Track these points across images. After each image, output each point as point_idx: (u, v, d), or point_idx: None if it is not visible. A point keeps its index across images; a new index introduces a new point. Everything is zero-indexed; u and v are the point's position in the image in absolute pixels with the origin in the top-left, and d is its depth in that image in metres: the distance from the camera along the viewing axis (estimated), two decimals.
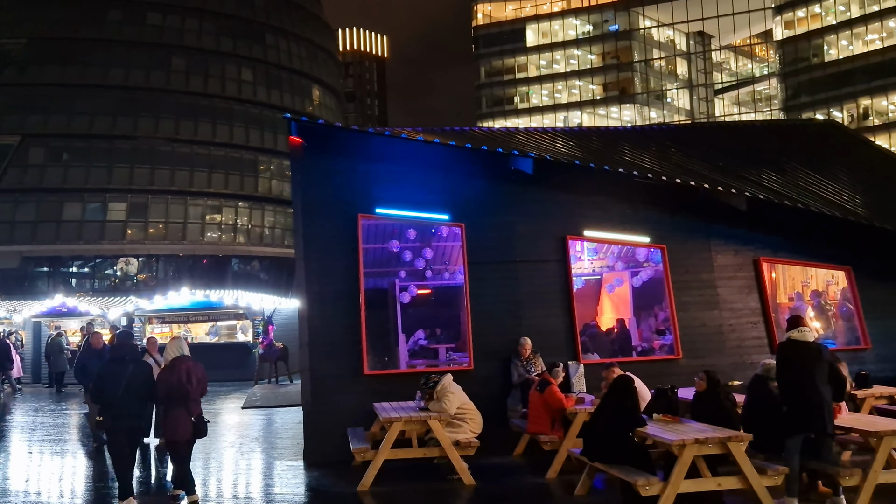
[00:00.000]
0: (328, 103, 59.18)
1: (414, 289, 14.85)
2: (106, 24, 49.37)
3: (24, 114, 46.82)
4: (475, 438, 10.14)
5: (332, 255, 11.90)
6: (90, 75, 48.15)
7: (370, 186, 12.14)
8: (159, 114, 48.89)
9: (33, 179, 46.63)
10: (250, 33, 53.26)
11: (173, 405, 8.79)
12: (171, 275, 47.18)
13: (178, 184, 48.87)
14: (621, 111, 77.40)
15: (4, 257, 45.28)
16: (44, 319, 29.35)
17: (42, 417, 17.02)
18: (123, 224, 48.13)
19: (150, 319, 27.47)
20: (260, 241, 51.86)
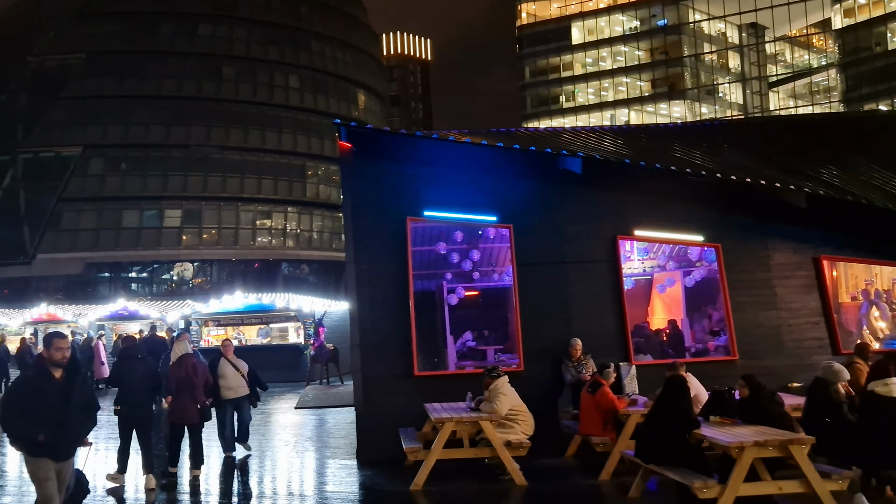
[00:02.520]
0: (373, 107, 59.66)
1: (461, 290, 14.86)
2: (159, 37, 50.63)
3: (85, 125, 48.27)
4: (527, 440, 10.11)
5: (382, 258, 11.97)
6: (145, 87, 49.41)
7: (418, 189, 12.18)
8: (211, 122, 49.90)
9: (94, 188, 47.99)
10: (297, 41, 54.05)
11: (182, 395, 10.59)
12: (225, 279, 48.05)
13: (230, 190, 49.79)
14: (671, 108, 76.08)
15: (69, 264, 46.69)
16: (107, 323, 30.20)
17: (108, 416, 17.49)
18: (179, 230, 49.22)
19: (206, 322, 28.01)
20: (309, 245, 52.52)
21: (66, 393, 6.64)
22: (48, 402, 6.54)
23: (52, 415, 6.52)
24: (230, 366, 12.12)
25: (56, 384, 6.65)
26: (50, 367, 6.70)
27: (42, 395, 6.56)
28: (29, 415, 6.49)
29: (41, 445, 6.50)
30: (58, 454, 6.65)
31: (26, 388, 6.68)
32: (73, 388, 6.73)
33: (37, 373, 6.80)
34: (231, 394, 12.02)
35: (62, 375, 6.70)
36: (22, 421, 6.49)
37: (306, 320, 26.59)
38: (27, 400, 6.55)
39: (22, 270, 46.84)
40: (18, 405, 6.55)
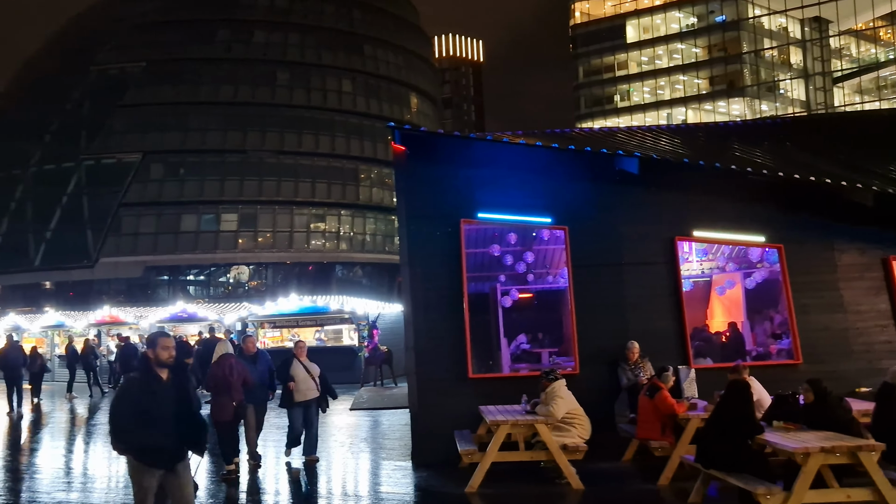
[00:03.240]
0: (426, 110, 59.89)
1: (515, 293, 14.80)
2: (215, 44, 51.71)
3: (144, 132, 49.52)
4: (583, 443, 10.00)
5: (436, 261, 11.97)
6: (202, 93, 50.49)
7: (472, 191, 12.15)
8: (266, 127, 50.72)
9: (153, 194, 49.17)
10: (349, 45, 54.61)
11: (220, 393, 10.95)
12: (280, 281, 48.74)
13: (284, 194, 50.50)
14: (729, 105, 74.45)
15: (129, 267, 47.93)
16: (167, 325, 30.85)
17: None
18: (235, 234, 50.12)
19: (262, 324, 28.42)
20: (362, 248, 52.95)
21: (173, 395, 6.35)
22: (158, 405, 6.24)
23: (162, 418, 6.22)
24: (302, 368, 11.85)
25: (164, 385, 6.36)
26: (156, 368, 6.40)
27: (151, 398, 6.25)
28: (139, 418, 6.18)
29: (151, 451, 6.25)
30: (167, 461, 6.34)
31: (135, 391, 6.33)
32: (181, 389, 6.46)
33: (144, 374, 6.43)
34: (300, 396, 11.75)
35: (168, 376, 6.42)
36: (133, 425, 6.18)
37: (360, 322, 26.77)
38: (137, 403, 6.23)
39: (85, 274, 48.22)
40: (129, 408, 6.23)
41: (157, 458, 6.26)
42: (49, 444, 16.15)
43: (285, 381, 11.74)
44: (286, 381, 11.74)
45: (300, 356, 12.00)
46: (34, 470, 12.97)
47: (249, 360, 11.84)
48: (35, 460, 14.08)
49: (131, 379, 6.51)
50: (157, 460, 6.27)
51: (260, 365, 11.79)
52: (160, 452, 6.25)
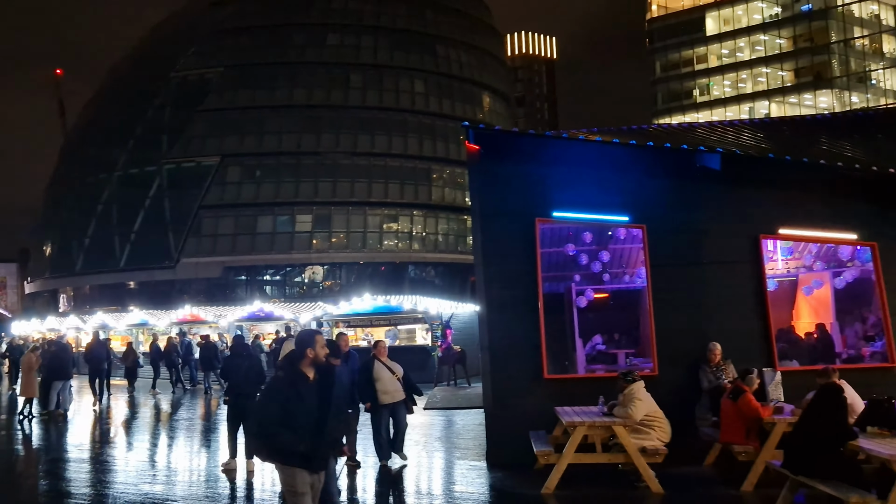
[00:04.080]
0: (498, 109, 59.68)
1: (591, 292, 14.59)
2: (290, 48, 52.67)
3: (223, 136, 50.80)
4: (663, 446, 9.78)
5: (510, 260, 11.89)
6: (278, 97, 51.47)
7: (547, 190, 12.02)
8: (339, 129, 51.37)
9: (231, 196, 50.39)
10: (422, 45, 54.85)
11: None
12: (353, 281, 49.28)
13: (358, 195, 51.06)
14: (816, 98, 71.75)
15: (209, 267, 49.25)
16: (245, 323, 31.59)
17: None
18: (310, 234, 50.94)
19: (337, 323, 28.79)
20: (434, 248, 53.12)
21: (320, 395, 6.09)
22: (306, 407, 5.99)
23: (310, 420, 5.98)
24: (385, 369, 11.55)
25: (311, 386, 6.09)
26: (304, 368, 6.13)
27: (300, 399, 5.99)
28: (288, 421, 5.92)
29: (301, 455, 5.98)
30: (317, 464, 6.14)
31: (283, 392, 6.03)
32: (326, 389, 6.17)
33: (292, 374, 6.13)
34: (388, 398, 11.43)
35: (314, 376, 6.16)
36: (282, 428, 5.90)
37: (433, 322, 26.86)
38: (285, 404, 5.96)
39: (167, 274, 49.74)
40: (278, 411, 5.95)
41: (307, 460, 6.01)
42: (134, 438, 16.69)
43: (367, 386, 11.42)
44: (368, 385, 11.42)
45: (381, 357, 11.73)
46: (122, 462, 13.40)
47: (342, 358, 11.41)
48: (121, 453, 14.56)
49: (279, 379, 6.21)
50: (307, 463, 6.02)
51: (351, 364, 11.52)
52: (304, 456, 5.98)
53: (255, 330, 30.89)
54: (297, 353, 6.19)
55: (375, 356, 11.73)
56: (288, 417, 5.91)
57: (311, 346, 6.17)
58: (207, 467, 12.29)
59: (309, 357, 6.14)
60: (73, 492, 11.06)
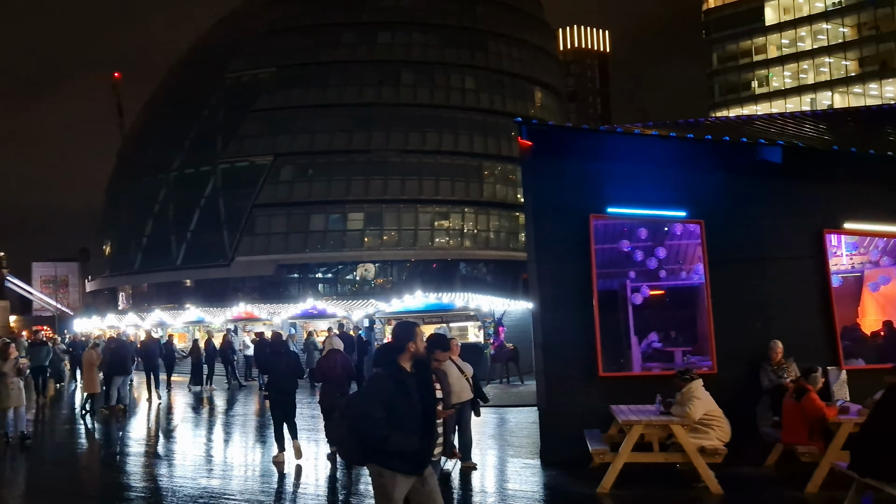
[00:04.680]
0: (550, 104, 59.28)
1: (646, 289, 14.34)
2: (341, 47, 53.09)
3: (275, 135, 51.49)
4: (723, 446, 9.56)
5: (564, 257, 11.77)
6: (329, 95, 51.94)
7: (601, 186, 11.86)
8: (390, 127, 51.61)
9: (284, 195, 51.04)
10: (473, 42, 54.74)
11: (326, 384, 12.08)
12: (405, 279, 49.50)
13: (409, 193, 51.24)
14: (882, 88, 69.33)
15: (263, 265, 49.98)
16: (298, 321, 31.94)
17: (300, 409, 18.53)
18: (361, 233, 51.31)
19: (389, 321, 28.89)
20: (486, 245, 53.00)
21: (422, 391, 5.73)
22: (412, 404, 5.61)
23: (416, 418, 5.62)
24: (454, 367, 10.89)
25: (412, 382, 5.72)
26: (404, 363, 5.77)
27: (405, 396, 5.62)
28: (394, 420, 5.55)
29: (402, 455, 5.60)
30: (418, 466, 5.70)
31: (387, 389, 5.64)
32: (428, 385, 5.84)
33: (394, 370, 5.74)
34: (453, 398, 10.52)
35: (412, 372, 5.79)
36: (385, 427, 5.53)
37: (485, 319, 26.78)
38: (390, 403, 5.58)
39: (222, 272, 50.64)
40: (382, 410, 5.56)
41: (408, 463, 5.63)
42: (190, 433, 16.99)
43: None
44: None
45: (452, 354, 10.93)
46: (180, 456, 13.66)
47: None
48: (178, 447, 14.84)
49: (381, 376, 5.79)
50: (407, 466, 5.64)
51: None
52: (411, 456, 5.60)
53: (309, 327, 31.19)
54: (396, 346, 5.83)
55: None
56: (394, 416, 5.53)
57: (411, 340, 5.79)
58: (262, 462, 12.44)
59: (410, 351, 5.76)
60: (133, 485, 11.30)
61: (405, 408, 5.58)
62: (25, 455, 13.60)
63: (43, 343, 23.33)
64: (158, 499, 10.00)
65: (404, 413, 5.57)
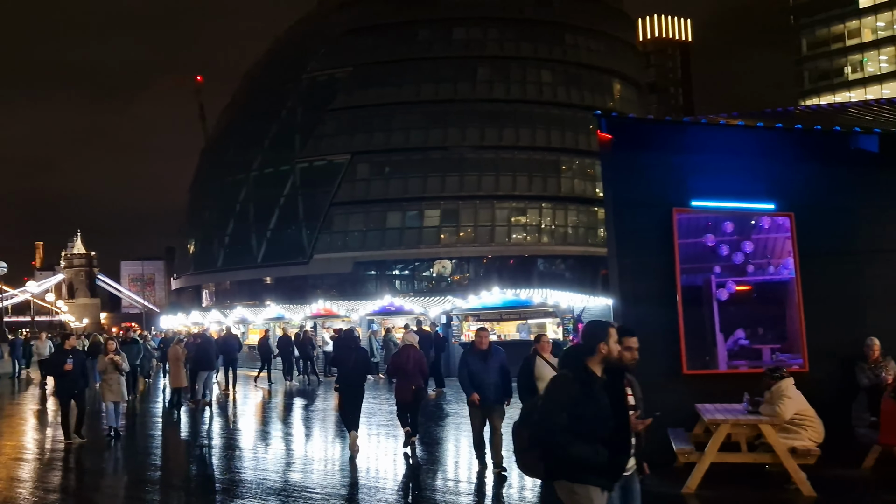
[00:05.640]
0: (629, 97, 58.20)
1: (732, 285, 13.88)
2: (417, 45, 53.32)
3: (353, 134, 52.12)
4: (815, 447, 9.21)
5: (646, 252, 11.54)
6: (405, 93, 52.24)
7: (684, 179, 11.57)
8: (466, 123, 51.57)
9: (361, 192, 51.63)
10: (549, 35, 54.19)
11: (400, 379, 12.46)
12: (481, 275, 49.44)
13: (485, 189, 51.12)
14: None
15: (340, 263, 50.71)
16: (375, 318, 32.26)
17: (380, 405, 18.73)
18: (437, 229, 51.48)
19: (466, 318, 28.89)
20: (564, 241, 52.46)
21: (614, 398, 5.19)
22: (601, 411, 5.06)
23: (606, 427, 5.08)
24: (548, 366, 10.44)
25: (602, 389, 5.17)
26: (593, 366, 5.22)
27: (593, 403, 5.07)
28: (579, 428, 5.01)
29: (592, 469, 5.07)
30: (610, 480, 5.18)
31: (572, 394, 5.10)
32: (621, 390, 5.36)
33: (582, 373, 5.21)
34: None
35: (603, 376, 5.25)
36: (574, 437, 5.00)
37: (564, 316, 26.51)
38: (575, 409, 5.04)
39: (301, 269, 51.58)
40: (565, 415, 5.05)
41: (607, 475, 5.13)
42: (272, 427, 17.35)
43: (527, 387, 10.32)
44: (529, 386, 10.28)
45: (544, 353, 10.69)
46: (262, 449, 13.96)
47: (480, 356, 10.78)
48: (261, 441, 15.17)
49: (566, 378, 5.27)
50: (602, 480, 5.11)
51: (492, 362, 10.74)
52: (602, 469, 5.08)
53: (387, 324, 31.44)
54: (585, 348, 5.31)
55: (537, 351, 10.68)
56: (578, 424, 4.99)
57: (603, 341, 5.23)
58: (341, 456, 12.59)
59: (601, 353, 5.21)
60: (218, 477, 11.60)
61: (592, 415, 5.01)
62: (120, 448, 14.12)
63: (134, 341, 24.17)
64: (243, 491, 10.22)
65: (590, 421, 5.01)
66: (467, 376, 10.79)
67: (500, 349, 11.11)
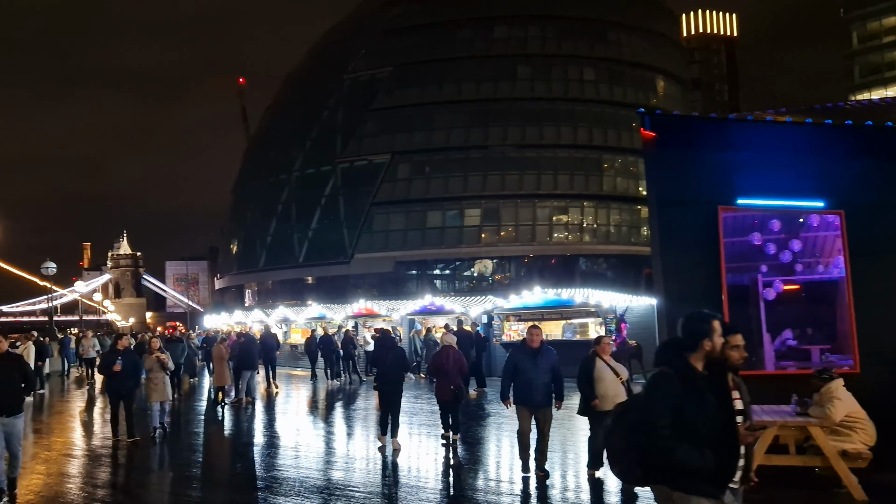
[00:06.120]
0: (673, 93, 57.35)
1: (779, 284, 13.62)
2: (457, 44, 53.20)
3: (393, 134, 52.21)
4: (867, 450, 8.98)
5: (690, 251, 11.36)
6: (445, 93, 52.17)
7: (730, 177, 11.36)
8: (507, 122, 51.31)
9: (401, 192, 51.70)
10: (591, 32, 53.66)
11: (440, 378, 12.84)
12: (523, 275, 49.17)
13: (526, 188, 50.83)
14: None
15: (381, 262, 50.88)
16: (416, 317, 32.32)
17: (421, 404, 18.75)
18: (478, 228, 51.33)
19: (507, 317, 28.81)
20: (606, 240, 51.93)
21: (717, 400, 4.81)
22: (707, 412, 4.68)
23: (713, 429, 4.68)
24: (608, 369, 10.25)
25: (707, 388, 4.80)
26: (695, 363, 4.86)
27: (699, 402, 4.70)
28: (684, 430, 4.64)
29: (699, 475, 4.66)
30: (720, 488, 4.80)
31: (675, 391, 4.72)
32: (724, 389, 4.97)
33: (684, 370, 4.83)
34: (608, 403, 9.53)
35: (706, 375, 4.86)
36: (673, 437, 4.62)
37: (607, 316, 26.26)
38: (677, 408, 4.67)
39: (342, 269, 51.84)
40: (668, 415, 4.66)
41: (707, 483, 4.71)
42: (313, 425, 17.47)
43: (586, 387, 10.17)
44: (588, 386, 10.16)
45: (604, 355, 10.45)
46: (304, 447, 14.05)
47: (530, 354, 10.32)
48: (303, 439, 15.28)
49: (666, 375, 4.85)
50: (708, 487, 4.73)
51: (542, 361, 10.31)
52: (708, 475, 4.68)
53: (428, 323, 31.48)
54: (686, 343, 4.94)
55: (597, 353, 10.46)
56: (682, 425, 4.63)
57: (707, 336, 4.88)
58: (382, 456, 12.61)
59: (704, 349, 4.86)
60: (261, 474, 11.70)
61: (696, 416, 4.63)
62: (165, 445, 14.34)
63: (178, 340, 24.56)
64: (286, 489, 10.29)
65: (695, 422, 4.62)
66: (511, 375, 10.40)
67: (551, 349, 10.68)
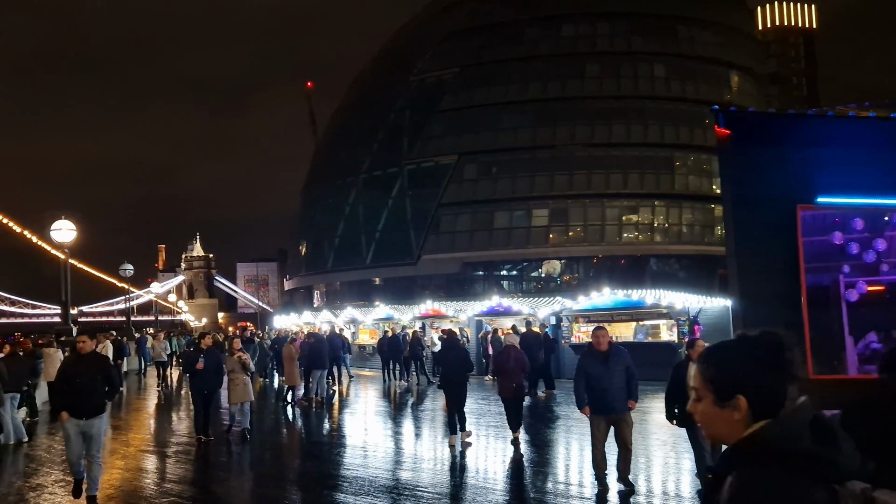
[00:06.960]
0: (747, 89, 55.75)
1: (863, 285, 13.02)
2: (524, 43, 52.91)
3: (460, 135, 52.24)
4: None
5: (767, 251, 10.93)
6: (512, 93, 51.94)
7: (809, 174, 10.90)
8: (575, 121, 50.76)
9: (468, 193, 51.68)
10: (661, 28, 52.62)
11: (502, 376, 13.21)
12: (591, 275, 48.53)
13: (595, 187, 50.18)
14: None
15: (448, 263, 50.95)
16: (484, 318, 32.20)
17: (489, 406, 18.65)
18: (546, 229, 50.92)
19: (576, 318, 28.42)
20: (678, 240, 50.82)
21: None
22: None
23: None
24: None
25: None
26: None
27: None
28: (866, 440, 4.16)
29: None
30: None
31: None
32: None
33: None
34: None
35: None
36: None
37: (679, 318, 25.66)
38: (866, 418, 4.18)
39: (409, 270, 52.10)
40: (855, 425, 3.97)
41: None
42: (382, 426, 17.54)
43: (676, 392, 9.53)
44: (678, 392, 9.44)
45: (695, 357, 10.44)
46: (373, 447, 14.12)
47: (599, 358, 9.72)
48: (372, 438, 15.38)
49: None
50: None
51: (614, 364, 9.73)
52: None
53: (495, 324, 31.32)
54: None
55: (690, 358, 10.06)
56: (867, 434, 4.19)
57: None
58: (450, 457, 12.57)
59: None
60: (332, 473, 11.78)
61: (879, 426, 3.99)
62: (241, 444, 14.57)
63: (250, 340, 24.99)
64: (356, 488, 10.33)
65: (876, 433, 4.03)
66: (584, 383, 9.67)
67: (622, 349, 10.17)
